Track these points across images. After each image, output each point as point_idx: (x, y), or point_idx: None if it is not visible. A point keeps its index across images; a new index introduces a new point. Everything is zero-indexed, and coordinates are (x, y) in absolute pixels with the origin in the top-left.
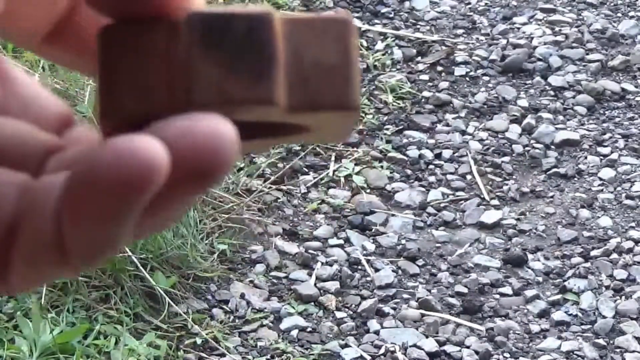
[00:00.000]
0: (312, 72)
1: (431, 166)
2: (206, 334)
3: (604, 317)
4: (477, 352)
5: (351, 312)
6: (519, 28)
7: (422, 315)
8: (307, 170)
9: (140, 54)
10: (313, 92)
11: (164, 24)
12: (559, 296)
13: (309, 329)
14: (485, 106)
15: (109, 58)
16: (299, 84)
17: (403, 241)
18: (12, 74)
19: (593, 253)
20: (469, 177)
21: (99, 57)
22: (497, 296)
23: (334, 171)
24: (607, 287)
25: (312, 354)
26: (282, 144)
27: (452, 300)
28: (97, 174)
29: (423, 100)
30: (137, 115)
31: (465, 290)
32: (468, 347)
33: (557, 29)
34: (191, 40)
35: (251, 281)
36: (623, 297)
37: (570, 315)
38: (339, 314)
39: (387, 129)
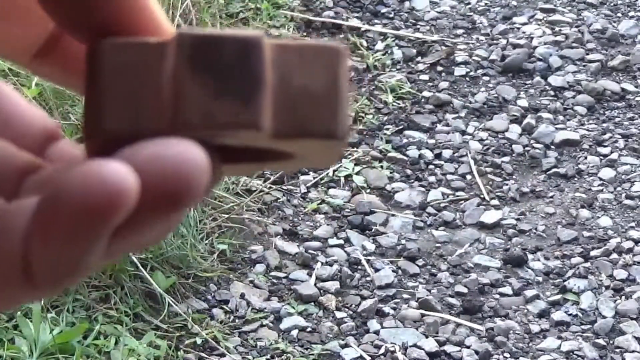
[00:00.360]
0: (300, 99)
1: (431, 166)
2: (206, 334)
3: (604, 317)
4: (477, 352)
5: (351, 312)
6: (519, 28)
7: (422, 315)
8: (307, 170)
9: (128, 73)
10: (300, 119)
11: (153, 43)
12: (559, 296)
13: (309, 329)
14: (485, 106)
15: (96, 77)
16: (286, 111)
17: (403, 241)
18: None
19: (593, 253)
20: (469, 177)
21: (86, 76)
22: (497, 296)
23: (334, 171)
24: (607, 287)
25: (312, 354)
26: (269, 169)
27: (452, 300)
28: (65, 199)
29: (423, 100)
30: (122, 136)
31: (465, 290)
32: (468, 347)
33: (557, 29)
34: (179, 62)
35: (251, 281)
36: (623, 297)
37: (570, 315)
38: (339, 314)
39: (387, 129)
